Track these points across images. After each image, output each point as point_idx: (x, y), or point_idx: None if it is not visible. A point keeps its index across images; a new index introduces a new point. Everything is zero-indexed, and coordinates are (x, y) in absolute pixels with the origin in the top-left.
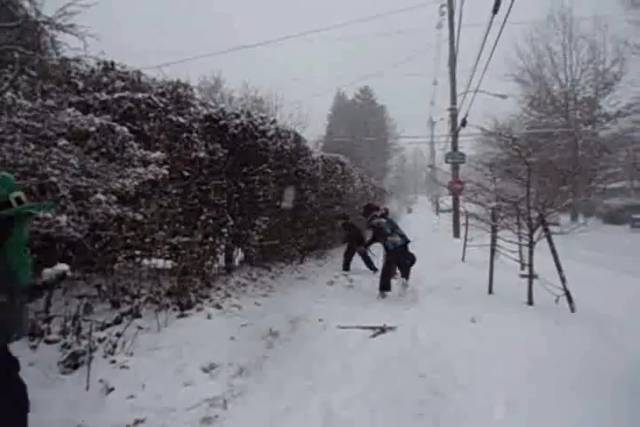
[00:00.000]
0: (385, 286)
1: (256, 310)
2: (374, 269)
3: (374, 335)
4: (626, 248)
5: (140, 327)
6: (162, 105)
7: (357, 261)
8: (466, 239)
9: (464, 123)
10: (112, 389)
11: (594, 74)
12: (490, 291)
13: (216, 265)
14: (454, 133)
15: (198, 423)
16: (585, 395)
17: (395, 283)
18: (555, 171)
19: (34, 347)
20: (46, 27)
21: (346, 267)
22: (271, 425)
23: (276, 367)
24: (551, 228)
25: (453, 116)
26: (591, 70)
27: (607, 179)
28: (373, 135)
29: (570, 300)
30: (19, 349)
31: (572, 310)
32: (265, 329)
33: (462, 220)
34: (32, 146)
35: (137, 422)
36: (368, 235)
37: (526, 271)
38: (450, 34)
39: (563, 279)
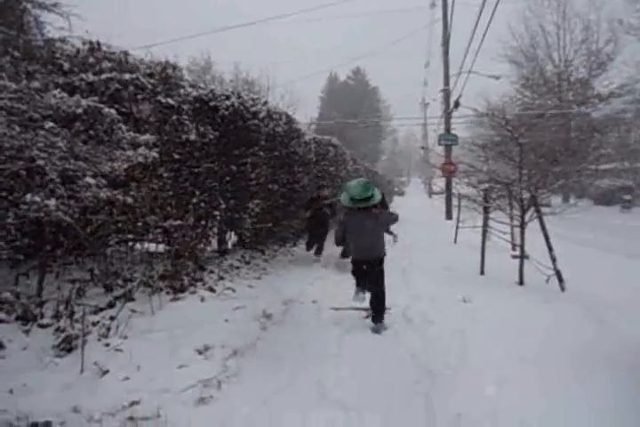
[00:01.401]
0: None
1: (250, 292)
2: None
3: (367, 316)
4: (615, 229)
5: (133, 311)
6: (150, 86)
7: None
8: (458, 221)
9: (457, 104)
10: (107, 371)
11: (587, 54)
12: (481, 272)
13: (209, 248)
14: (447, 115)
15: (193, 404)
16: (576, 373)
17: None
18: (547, 152)
19: (27, 331)
20: (29, 6)
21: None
22: (265, 405)
23: (270, 348)
24: (542, 209)
25: (446, 98)
26: (585, 50)
27: (598, 160)
28: (366, 117)
29: (560, 279)
30: (11, 333)
31: (563, 289)
32: (259, 311)
33: (455, 201)
34: (17, 128)
35: (132, 403)
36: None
37: (518, 252)
38: (443, 13)
39: (553, 259)
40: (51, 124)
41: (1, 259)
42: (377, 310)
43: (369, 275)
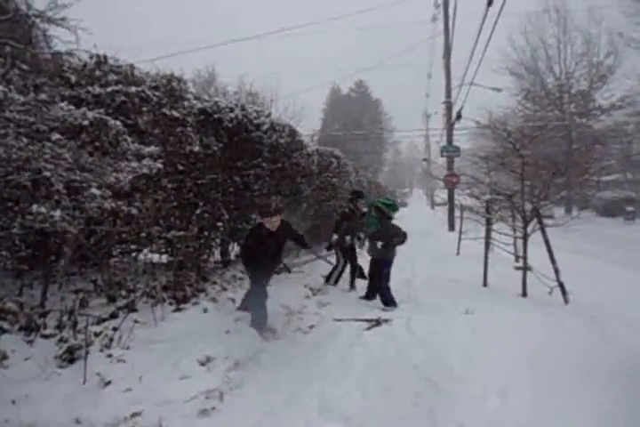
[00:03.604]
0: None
1: None
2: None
3: (369, 328)
4: (619, 240)
5: (136, 321)
6: (155, 99)
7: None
8: (461, 232)
9: (459, 116)
10: (109, 382)
11: (588, 66)
12: (484, 283)
13: (212, 259)
14: (449, 127)
15: (195, 415)
16: (579, 385)
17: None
18: (549, 164)
19: (30, 342)
20: (37, 20)
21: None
22: (268, 417)
23: (272, 360)
24: (545, 220)
25: (448, 110)
26: (585, 63)
27: (601, 171)
28: (368, 129)
29: (563, 291)
30: (15, 343)
31: (566, 301)
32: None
33: (457, 213)
34: (25, 140)
35: (134, 414)
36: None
37: (520, 264)
38: (445, 26)
39: (556, 271)
40: (57, 135)
41: (5, 269)
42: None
43: None
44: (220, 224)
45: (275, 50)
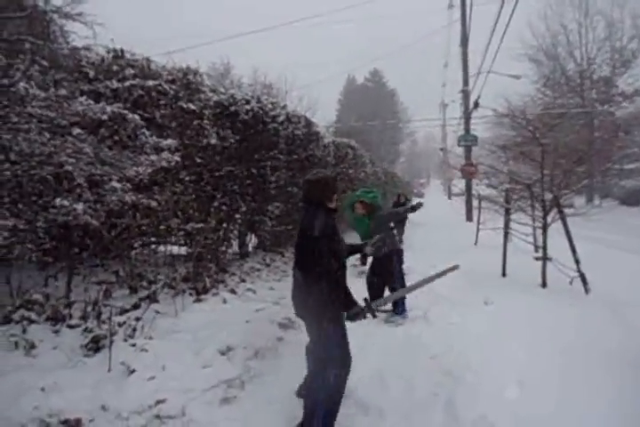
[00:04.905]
0: None
1: (270, 294)
2: None
3: (387, 319)
4: None
5: (157, 312)
6: (172, 92)
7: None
8: (479, 222)
9: (476, 105)
10: (133, 371)
11: (610, 52)
12: (503, 274)
13: (230, 251)
14: (466, 116)
15: (217, 403)
16: (598, 377)
17: None
18: (570, 152)
19: (56, 331)
20: (55, 16)
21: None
22: (287, 405)
23: (290, 349)
24: (566, 210)
25: (465, 98)
26: (608, 48)
27: (623, 159)
28: (384, 119)
29: (584, 282)
30: (42, 333)
31: (587, 291)
32: (279, 313)
33: (475, 203)
34: (47, 135)
35: (158, 402)
36: None
37: (540, 254)
38: (462, 13)
39: (577, 261)
40: (78, 130)
41: (31, 261)
42: None
43: None
44: (237, 216)
45: (289, 40)
